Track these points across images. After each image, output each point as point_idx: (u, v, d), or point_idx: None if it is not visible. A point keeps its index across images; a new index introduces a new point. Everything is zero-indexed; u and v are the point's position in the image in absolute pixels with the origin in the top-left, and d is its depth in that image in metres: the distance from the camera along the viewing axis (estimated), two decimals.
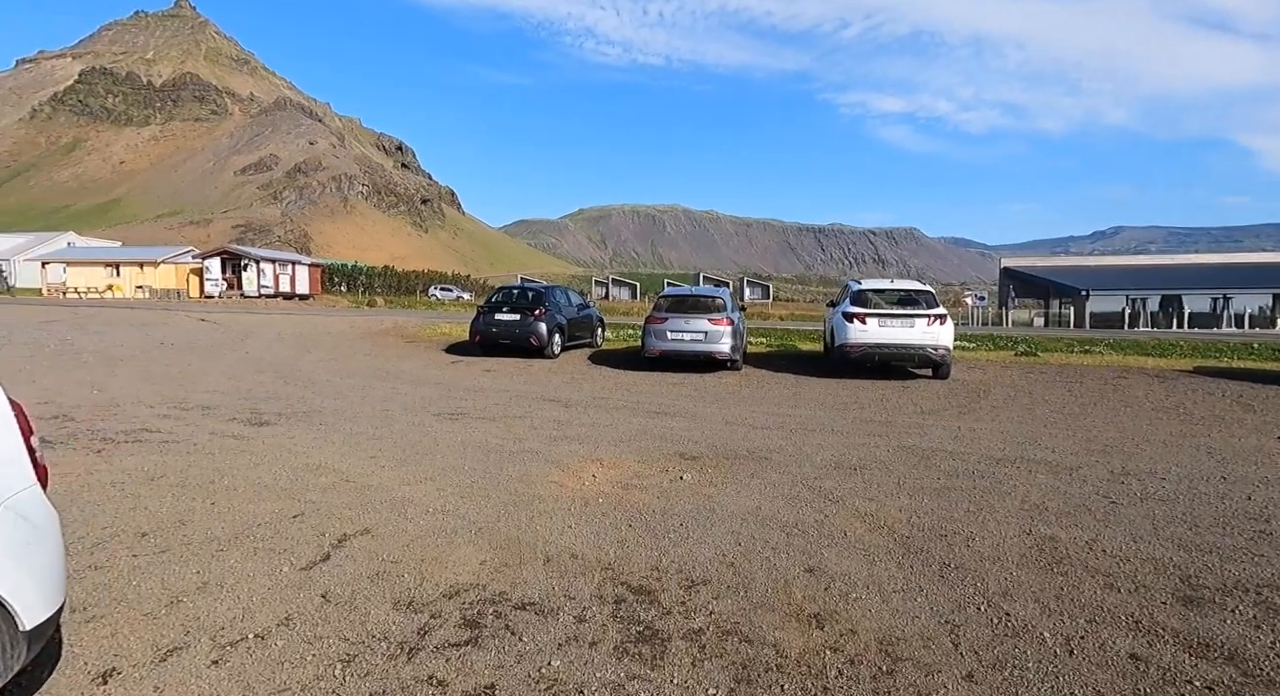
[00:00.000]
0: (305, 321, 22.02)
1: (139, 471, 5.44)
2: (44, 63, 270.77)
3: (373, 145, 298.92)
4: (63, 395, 9.00)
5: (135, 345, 14.77)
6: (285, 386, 10.24)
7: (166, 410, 8.11)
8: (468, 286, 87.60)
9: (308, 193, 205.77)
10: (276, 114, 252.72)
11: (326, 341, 16.78)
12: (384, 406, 8.68)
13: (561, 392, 10.19)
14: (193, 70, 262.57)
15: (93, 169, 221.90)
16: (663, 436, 7.18)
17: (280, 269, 43.94)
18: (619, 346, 17.22)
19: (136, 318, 21.00)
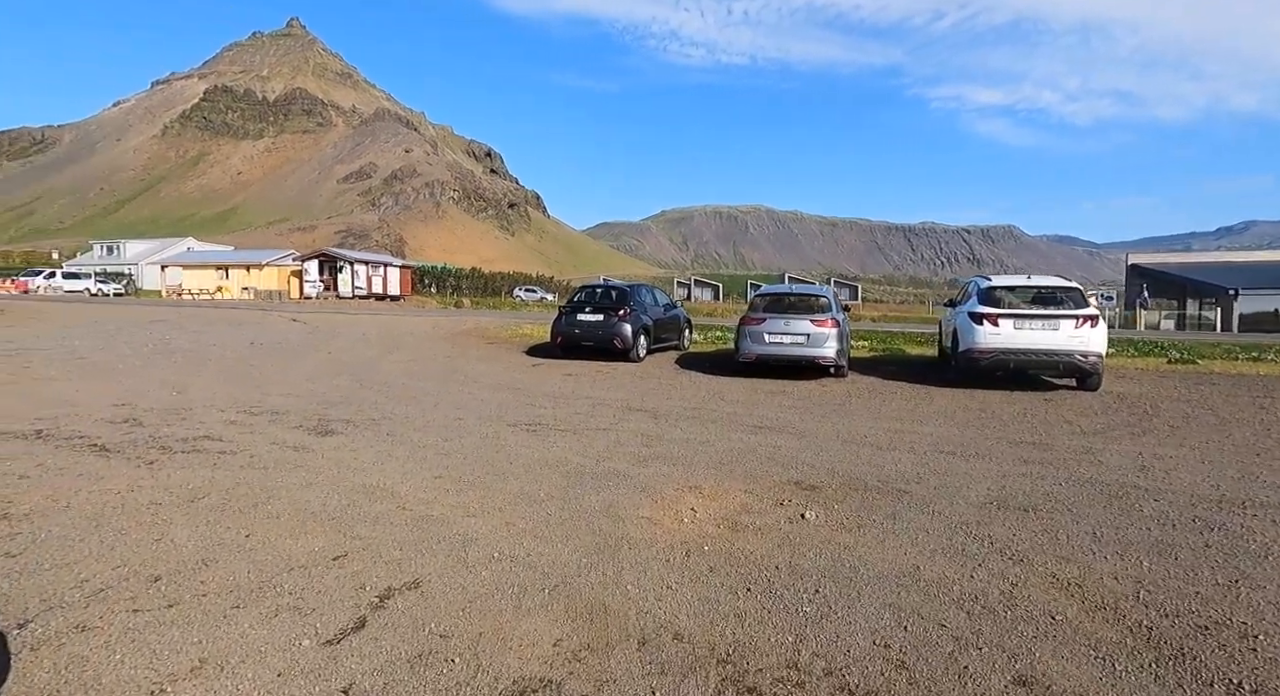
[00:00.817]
0: (391, 322, 22.12)
1: (182, 489, 4.82)
2: (174, 83, 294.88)
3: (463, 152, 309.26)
4: (143, 396, 8.78)
5: (226, 345, 14.90)
6: (360, 390, 9.75)
7: (235, 415, 7.67)
8: (551, 288, 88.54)
9: (403, 198, 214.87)
10: (376, 124, 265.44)
11: (409, 342, 16.52)
12: (457, 414, 7.96)
13: (649, 401, 9.22)
14: (302, 85, 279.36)
15: (214, 180, 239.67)
16: (770, 457, 6.08)
17: (373, 271, 45.25)
18: (707, 349, 16.15)
19: (234, 317, 21.63)
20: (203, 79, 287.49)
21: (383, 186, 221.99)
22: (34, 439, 6.27)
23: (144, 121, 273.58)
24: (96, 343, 14.76)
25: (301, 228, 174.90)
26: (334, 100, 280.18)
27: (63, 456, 5.64)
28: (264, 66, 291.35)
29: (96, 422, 7.04)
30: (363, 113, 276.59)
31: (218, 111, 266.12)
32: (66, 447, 5.96)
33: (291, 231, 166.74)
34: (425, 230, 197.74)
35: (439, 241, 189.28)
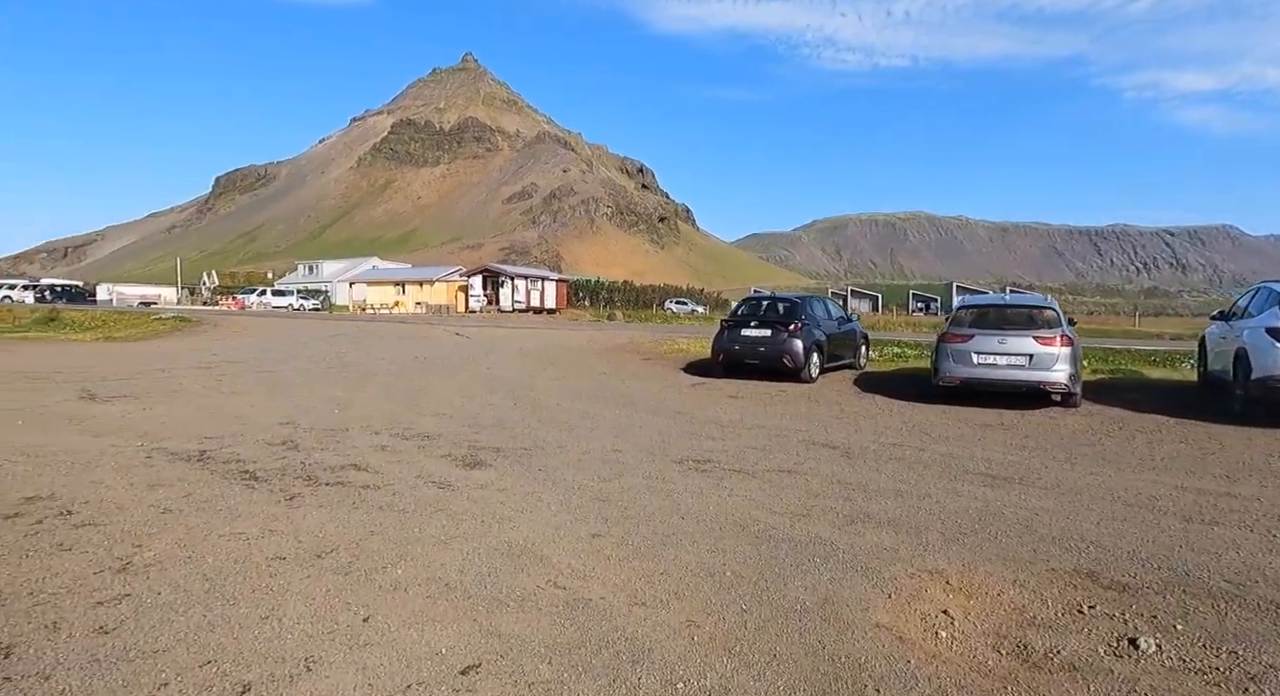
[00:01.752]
0: (547, 336, 22.14)
1: (312, 538, 4.17)
2: (368, 119, 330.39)
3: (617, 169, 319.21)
4: (308, 413, 8.70)
5: (392, 360, 15.24)
6: (513, 410, 9.15)
7: (388, 438, 7.23)
8: (701, 299, 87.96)
9: (560, 216, 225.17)
10: (537, 146, 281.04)
11: (563, 358, 16.12)
12: (614, 445, 7.02)
13: (834, 433, 7.79)
14: (473, 114, 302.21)
15: (398, 204, 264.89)
16: (1027, 526, 4.50)
17: (531, 285, 46.80)
18: (885, 368, 14.27)
19: (404, 332, 22.65)
20: (390, 114, 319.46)
21: (542, 205, 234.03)
22: (196, 461, 6.07)
23: (343, 155, 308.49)
24: (283, 356, 15.66)
25: (470, 246, 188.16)
26: (500, 126, 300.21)
27: (213, 486, 5.29)
28: (441, 99, 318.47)
29: (256, 444, 6.82)
30: (525, 136, 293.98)
31: (402, 143, 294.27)
32: (220, 474, 5.65)
33: (461, 249, 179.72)
34: (580, 245, 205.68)
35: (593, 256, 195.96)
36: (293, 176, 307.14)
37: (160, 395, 10.07)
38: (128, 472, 5.64)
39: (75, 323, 24.39)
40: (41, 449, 6.46)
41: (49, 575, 3.53)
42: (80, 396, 9.76)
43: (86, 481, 5.36)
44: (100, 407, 8.88)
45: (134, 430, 7.43)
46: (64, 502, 4.79)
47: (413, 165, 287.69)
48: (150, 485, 5.27)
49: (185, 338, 20.86)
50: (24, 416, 8.16)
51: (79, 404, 9.17)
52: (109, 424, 7.77)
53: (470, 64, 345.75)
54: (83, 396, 9.77)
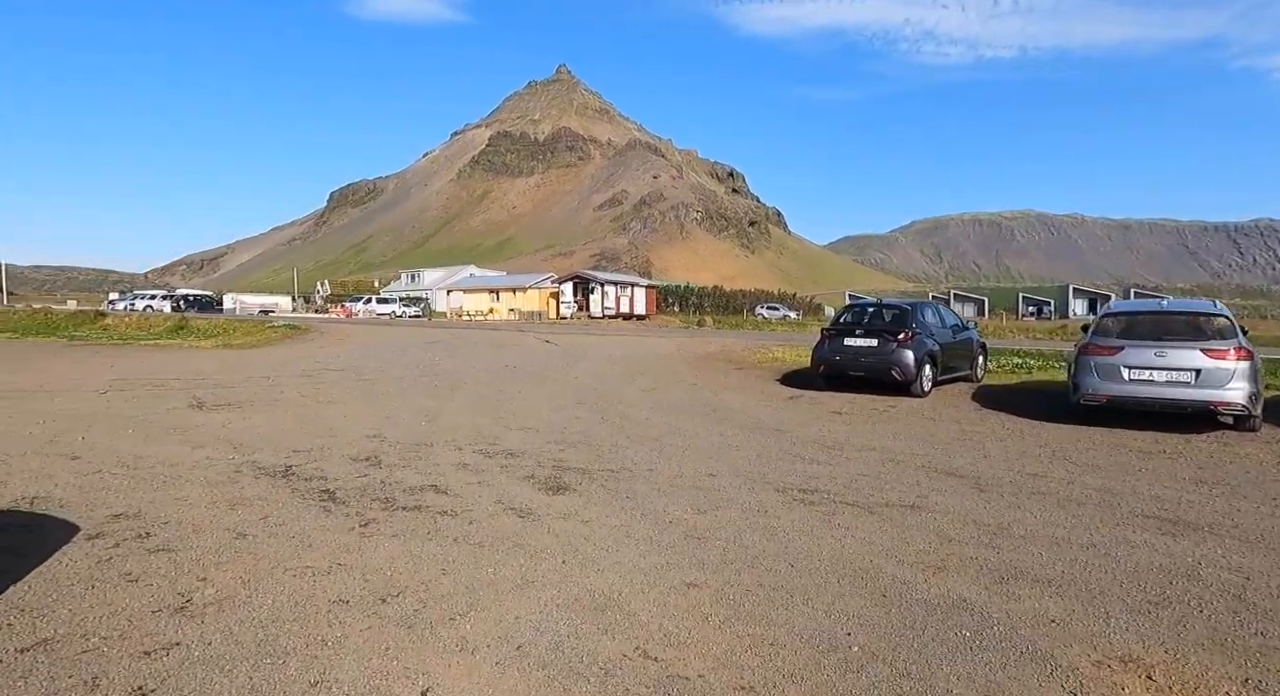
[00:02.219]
0: (636, 343, 21.78)
1: (379, 577, 3.81)
2: (468, 133, 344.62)
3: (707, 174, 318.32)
4: (395, 425, 8.58)
5: (483, 368, 15.23)
6: (600, 424, 8.71)
7: (471, 454, 6.92)
8: (793, 305, 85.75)
9: (650, 222, 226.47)
10: (628, 154, 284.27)
11: (653, 367, 15.63)
12: (709, 468, 6.41)
13: (959, 458, 6.87)
14: (566, 124, 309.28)
15: (495, 214, 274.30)
16: (1238, 595, 3.56)
17: (621, 291, 46.81)
18: (1006, 380, 12.94)
19: (495, 339, 22.89)
20: (488, 127, 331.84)
21: (632, 211, 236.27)
22: (281, 477, 5.94)
23: (444, 168, 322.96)
24: (381, 364, 15.99)
25: (562, 253, 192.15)
26: (593, 135, 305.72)
27: (291, 507, 5.07)
28: (536, 111, 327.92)
29: (341, 459, 6.66)
30: (616, 144, 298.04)
31: (499, 154, 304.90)
32: (301, 492, 5.45)
33: (554, 257, 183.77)
34: (670, 251, 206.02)
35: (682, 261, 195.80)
36: (399, 189, 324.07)
37: (262, 404, 10.29)
38: (214, 489, 5.54)
39: (200, 330, 26.14)
40: (142, 460, 6.53)
41: (107, 614, 3.29)
42: (189, 405, 10.09)
43: (173, 498, 5.27)
44: (204, 416, 9.09)
45: (230, 441, 7.47)
46: (146, 523, 4.67)
47: (509, 176, 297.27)
48: (232, 504, 5.12)
49: (294, 345, 21.87)
50: (136, 425, 8.43)
51: (187, 412, 9.45)
52: (209, 434, 7.87)
53: (564, 75, 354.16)
54: (191, 405, 10.10)
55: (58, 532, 4.47)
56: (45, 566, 3.86)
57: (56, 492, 5.38)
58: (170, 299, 51.07)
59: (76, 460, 6.53)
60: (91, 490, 5.47)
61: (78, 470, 6.13)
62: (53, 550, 4.13)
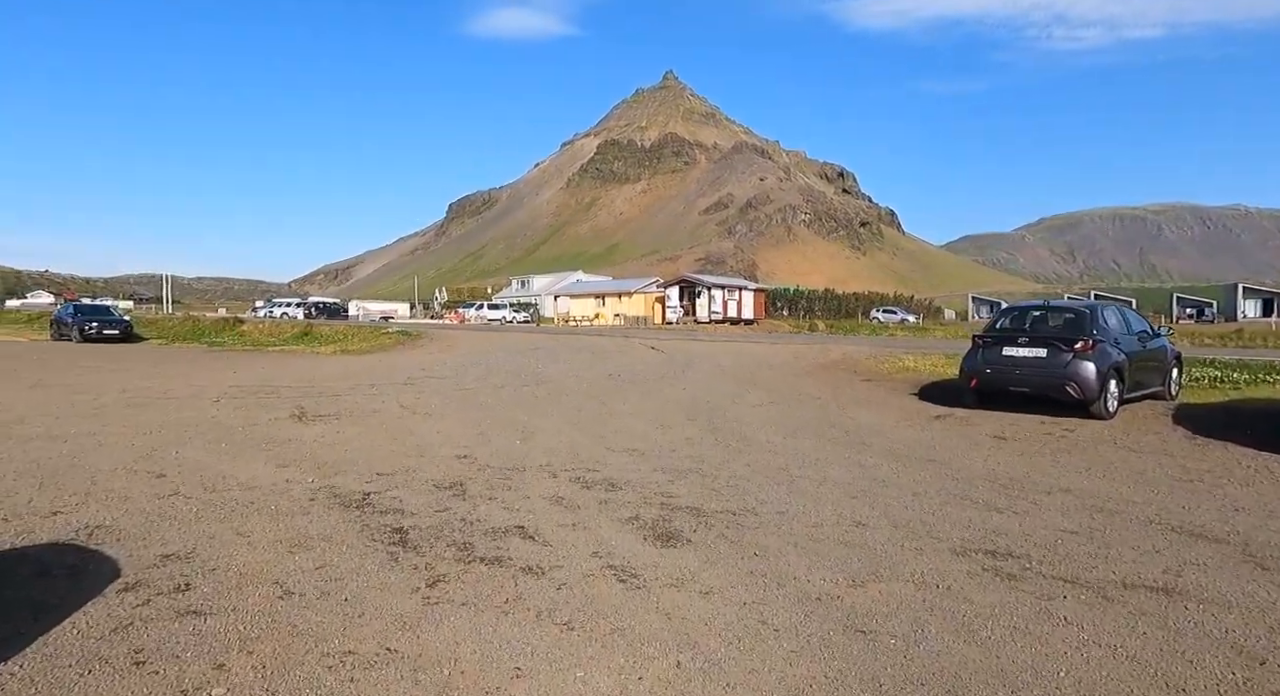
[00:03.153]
0: (747, 350, 20.45)
1: (433, 675, 2.87)
2: (577, 142, 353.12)
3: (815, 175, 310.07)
4: (488, 444, 7.83)
5: (586, 377, 14.47)
6: (714, 447, 7.58)
7: (567, 483, 5.99)
8: (911, 307, 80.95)
9: (756, 225, 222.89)
10: (734, 157, 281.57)
11: (768, 377, 14.30)
12: (855, 513, 5.13)
13: (1199, 511, 5.20)
14: (672, 130, 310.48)
15: (602, 221, 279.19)
16: None
17: (729, 295, 45.40)
18: (1209, 399, 10.65)
19: (599, 345, 22.22)
20: (596, 136, 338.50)
21: (738, 215, 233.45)
22: (354, 509, 5.23)
23: (554, 177, 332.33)
24: (483, 371, 15.60)
25: (667, 258, 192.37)
26: (698, 140, 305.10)
27: (353, 555, 4.29)
28: (643, 118, 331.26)
29: (424, 486, 5.91)
30: (723, 148, 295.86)
31: (607, 162, 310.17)
32: (370, 532, 4.69)
33: (659, 261, 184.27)
34: (776, 254, 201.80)
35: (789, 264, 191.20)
36: (512, 199, 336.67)
37: (360, 415, 9.91)
38: (281, 522, 4.88)
39: (322, 337, 27.23)
40: (223, 482, 6.05)
41: None
42: (291, 415, 9.85)
43: (235, 532, 4.64)
44: (300, 429, 8.74)
45: (317, 460, 6.95)
46: (193, 568, 4.01)
47: (616, 183, 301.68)
48: (292, 546, 4.40)
49: (405, 351, 22.16)
50: (233, 438, 8.14)
51: (285, 424, 9.16)
52: (298, 451, 7.41)
53: (671, 82, 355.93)
54: (293, 415, 9.85)
55: (97, 577, 3.89)
56: (57, 632, 3.20)
57: (122, 521, 4.89)
58: (303, 306, 54.59)
59: (160, 479, 6.14)
60: (158, 519, 4.96)
61: (156, 492, 5.70)
62: (79, 604, 3.50)
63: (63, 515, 5.04)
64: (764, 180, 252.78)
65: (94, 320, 27.92)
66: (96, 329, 27.34)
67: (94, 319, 28.10)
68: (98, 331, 27.27)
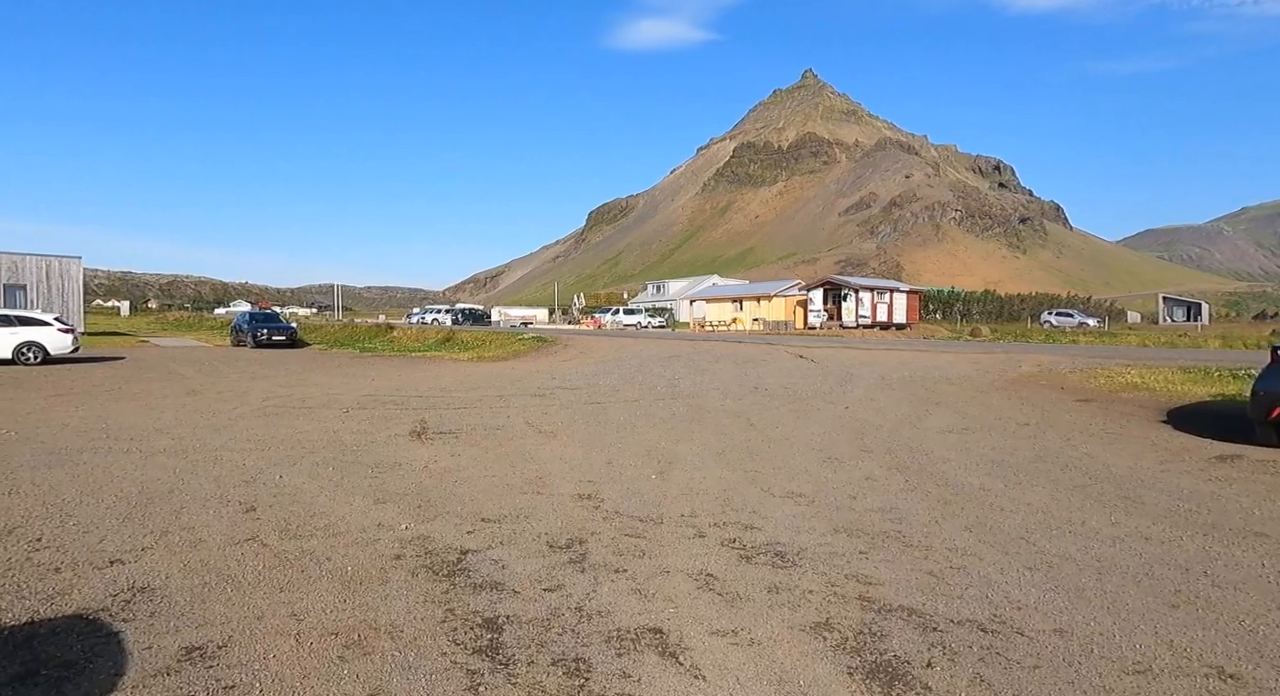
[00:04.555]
0: (913, 359, 17.89)
1: None
2: (713, 146, 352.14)
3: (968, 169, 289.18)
4: (617, 478, 6.48)
5: (730, 391, 12.85)
6: (909, 497, 5.73)
7: (718, 552, 4.46)
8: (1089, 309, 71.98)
9: (901, 225, 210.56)
10: (876, 154, 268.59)
11: (950, 394, 11.97)
12: (1184, 639, 3.18)
13: None
14: (811, 130, 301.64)
15: (736, 225, 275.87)
16: None
17: (878, 297, 41.95)
18: None
19: (741, 353, 20.50)
20: (732, 139, 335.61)
21: (881, 215, 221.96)
22: (442, 579, 4.02)
23: (690, 183, 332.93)
24: (617, 382, 14.44)
25: (805, 261, 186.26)
26: (838, 138, 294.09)
27: (422, 670, 3.01)
28: (780, 119, 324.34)
29: (534, 544, 4.61)
30: (864, 146, 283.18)
31: (742, 165, 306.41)
32: (454, 624, 3.42)
33: (796, 265, 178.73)
34: (923, 254, 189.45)
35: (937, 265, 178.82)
36: (648, 205, 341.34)
37: (481, 432, 8.95)
38: (347, 597, 3.73)
39: (462, 342, 27.56)
40: (307, 523, 5.11)
41: None
42: (410, 431, 9.07)
43: (286, 614, 3.52)
44: (415, 451, 7.85)
45: (420, 494, 5.90)
46: (214, 674, 2.89)
47: (751, 186, 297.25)
48: (348, 645, 3.19)
49: (538, 358, 21.64)
50: (342, 459, 7.37)
51: (402, 442, 8.34)
52: (404, 481, 6.43)
53: (810, 80, 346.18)
54: (412, 431, 9.07)
55: (93, 681, 2.86)
56: None
57: (173, 582, 3.96)
58: (450, 313, 57.07)
59: (248, 515, 5.30)
60: (214, 581, 3.99)
61: (233, 534, 4.82)
62: None
63: (118, 566, 4.21)
64: (910, 177, 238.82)
65: (264, 327, 30.02)
66: (266, 335, 29.34)
67: (265, 326, 30.22)
68: (267, 337, 29.25)
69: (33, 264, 33.62)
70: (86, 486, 6.14)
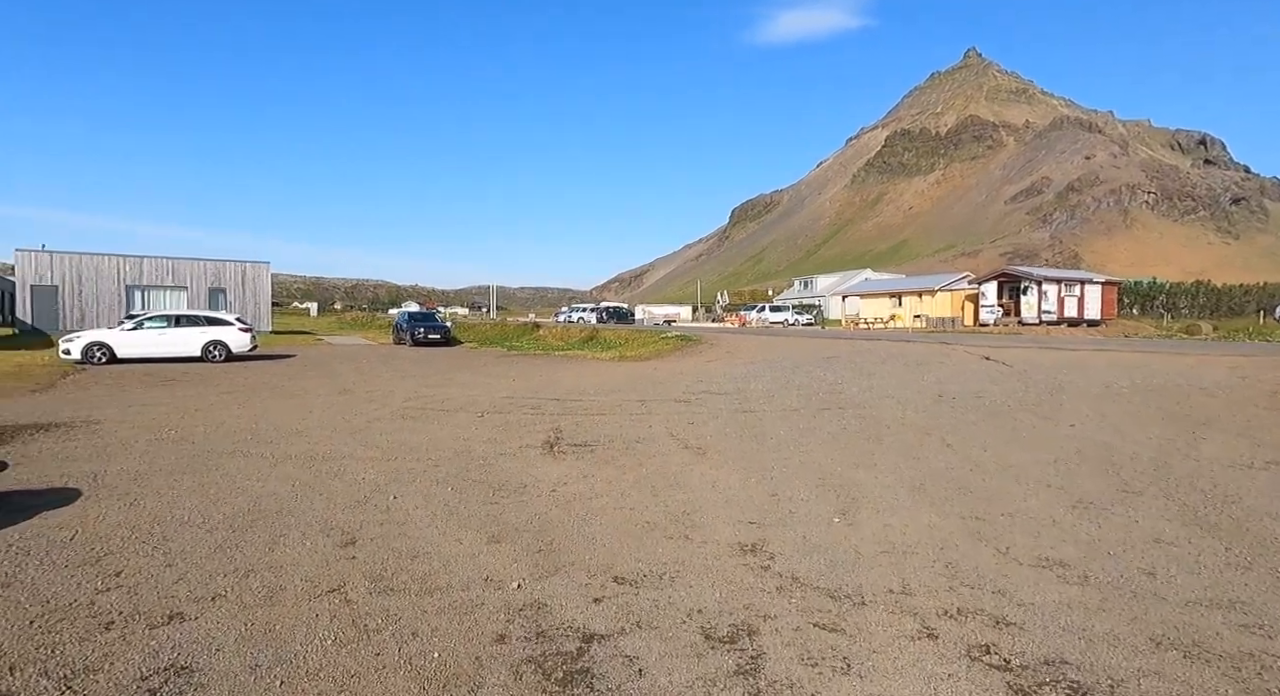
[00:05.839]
0: (1133, 362, 14.64)
1: None
2: (863, 136, 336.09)
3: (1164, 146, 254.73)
4: (788, 519, 5.02)
5: (907, 399, 10.85)
6: (1234, 572, 3.79)
7: (961, 661, 2.91)
8: None
9: (1079, 211, 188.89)
10: (1050, 135, 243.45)
11: (1210, 406, 9.22)
12: None
13: None
14: (974, 113, 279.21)
15: (888, 217, 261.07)
16: None
17: (1066, 290, 36.80)
18: None
19: (910, 353, 18.05)
20: (884, 128, 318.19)
21: (1055, 200, 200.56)
22: (558, 687, 2.79)
23: (838, 175, 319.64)
24: (770, 386, 12.84)
25: (965, 253, 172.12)
26: (1005, 120, 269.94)
27: None
28: (938, 103, 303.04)
29: (685, 626, 3.29)
30: (1036, 126, 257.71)
31: (895, 154, 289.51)
32: None
33: (955, 257, 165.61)
34: (1107, 243, 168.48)
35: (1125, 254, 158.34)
36: (793, 200, 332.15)
37: (620, 446, 7.81)
38: None
39: (605, 341, 27.01)
40: (405, 568, 4.14)
41: None
42: (543, 442, 8.12)
43: None
44: (545, 468, 6.83)
45: (543, 532, 4.80)
46: None
47: (905, 176, 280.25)
48: None
49: (682, 358, 20.43)
50: (465, 477, 6.49)
51: (532, 456, 7.38)
52: (527, 512, 5.37)
53: (973, 60, 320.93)
54: (545, 442, 8.11)
55: None
56: None
57: (219, 660, 3.08)
58: (595, 311, 57.60)
59: (343, 551, 4.45)
60: (263, 664, 3.04)
61: (315, 581, 3.93)
62: None
63: (175, 626, 3.40)
64: (1090, 158, 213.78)
65: (421, 326, 31.27)
66: (423, 333, 30.53)
67: (421, 325, 31.50)
68: (424, 336, 30.41)
69: (231, 269, 37.42)
70: (204, 500, 5.64)
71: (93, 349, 18.56)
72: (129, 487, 6.05)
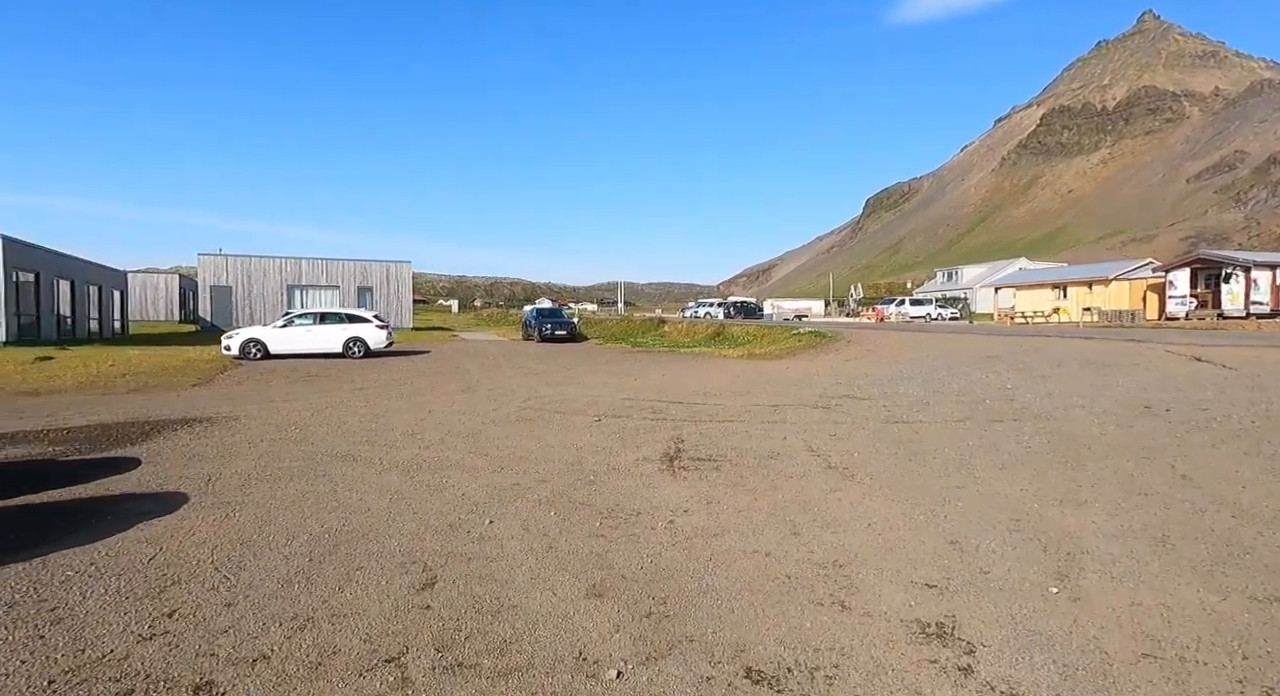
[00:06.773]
0: None
1: None
2: (1014, 116, 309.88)
3: None
4: (981, 582, 3.75)
5: (1102, 409, 8.88)
6: None
7: None
8: None
9: None
10: (1246, 102, 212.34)
11: None
12: None
13: None
14: (1149, 82, 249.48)
15: (1043, 202, 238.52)
16: None
17: None
18: None
19: (1091, 352, 15.44)
20: (1039, 106, 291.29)
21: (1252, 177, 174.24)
22: None
23: (984, 159, 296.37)
24: (923, 390, 11.18)
25: (1137, 239, 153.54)
26: (1188, 88, 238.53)
27: None
28: (1105, 75, 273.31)
29: None
30: (1228, 94, 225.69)
31: (1052, 134, 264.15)
32: None
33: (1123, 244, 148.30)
34: None
35: None
36: (933, 188, 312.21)
37: (750, 464, 6.71)
38: None
39: (733, 338, 25.78)
40: (475, 642, 3.35)
41: None
42: (662, 454, 7.18)
43: None
44: (662, 492, 5.88)
45: (651, 591, 3.83)
46: None
47: (1063, 157, 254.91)
48: None
49: (816, 356, 18.82)
50: (570, 499, 5.68)
51: (650, 471, 6.46)
52: (638, 554, 4.44)
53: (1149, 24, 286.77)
54: (665, 455, 7.17)
55: None
56: None
57: None
58: (723, 306, 56.26)
59: (419, 595, 3.73)
60: None
61: (375, 644, 3.20)
62: None
63: None
64: None
65: (548, 322, 31.53)
66: (550, 330, 30.75)
67: (548, 321, 31.76)
68: (550, 332, 30.63)
69: (377, 269, 39.67)
70: (297, 515, 5.20)
71: (249, 345, 19.86)
72: (233, 495, 5.74)
